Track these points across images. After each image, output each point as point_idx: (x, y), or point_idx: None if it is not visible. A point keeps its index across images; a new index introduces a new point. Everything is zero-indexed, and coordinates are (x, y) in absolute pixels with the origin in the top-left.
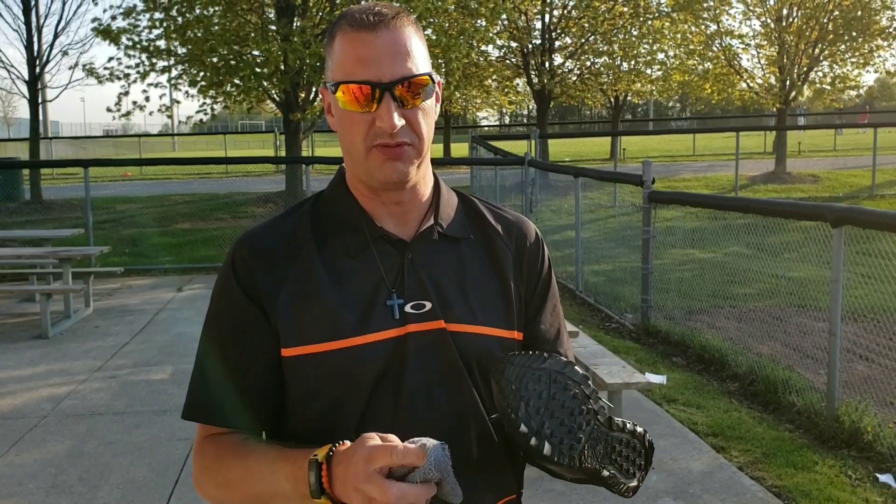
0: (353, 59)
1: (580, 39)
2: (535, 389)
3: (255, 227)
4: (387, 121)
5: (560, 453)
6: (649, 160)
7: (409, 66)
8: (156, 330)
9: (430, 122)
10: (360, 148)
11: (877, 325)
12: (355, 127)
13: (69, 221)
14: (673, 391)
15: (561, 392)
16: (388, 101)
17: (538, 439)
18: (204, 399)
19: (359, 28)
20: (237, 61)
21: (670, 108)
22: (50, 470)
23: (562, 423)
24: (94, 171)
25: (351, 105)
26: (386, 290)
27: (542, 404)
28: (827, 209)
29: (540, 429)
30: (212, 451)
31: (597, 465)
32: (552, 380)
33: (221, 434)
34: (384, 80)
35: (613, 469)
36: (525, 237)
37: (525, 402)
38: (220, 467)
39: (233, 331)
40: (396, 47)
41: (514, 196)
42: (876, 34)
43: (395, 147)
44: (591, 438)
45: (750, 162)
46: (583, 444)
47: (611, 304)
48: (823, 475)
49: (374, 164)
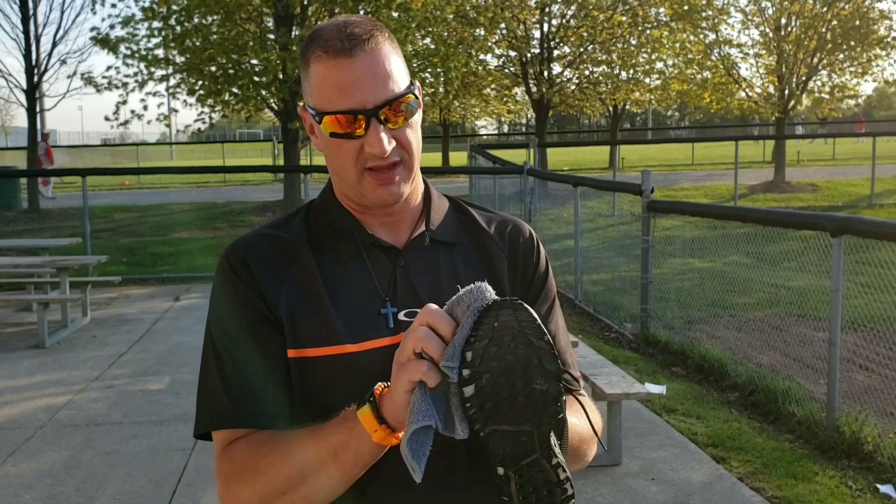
0: (334, 87)
1: (579, 49)
2: (508, 345)
3: (245, 235)
4: (377, 147)
5: (479, 403)
6: (648, 169)
7: (391, 87)
8: (153, 339)
9: (417, 135)
10: (351, 173)
11: (877, 335)
12: (344, 153)
13: (67, 231)
14: (673, 401)
15: (522, 374)
16: (375, 126)
17: (470, 377)
18: (227, 403)
19: (334, 54)
20: (236, 70)
21: (669, 117)
22: (46, 481)
23: (498, 391)
24: (91, 180)
25: (337, 132)
26: (379, 298)
27: (500, 363)
28: (826, 219)
29: (480, 372)
30: (244, 449)
31: (497, 453)
32: (528, 360)
33: (248, 434)
34: (368, 106)
35: (514, 479)
36: (518, 234)
37: (489, 343)
38: (258, 455)
39: (247, 328)
40: (375, 70)
41: (513, 205)
42: (874, 44)
43: (388, 171)
44: (514, 426)
45: (749, 171)
46: (500, 420)
47: (610, 314)
48: (824, 486)
49: (367, 189)
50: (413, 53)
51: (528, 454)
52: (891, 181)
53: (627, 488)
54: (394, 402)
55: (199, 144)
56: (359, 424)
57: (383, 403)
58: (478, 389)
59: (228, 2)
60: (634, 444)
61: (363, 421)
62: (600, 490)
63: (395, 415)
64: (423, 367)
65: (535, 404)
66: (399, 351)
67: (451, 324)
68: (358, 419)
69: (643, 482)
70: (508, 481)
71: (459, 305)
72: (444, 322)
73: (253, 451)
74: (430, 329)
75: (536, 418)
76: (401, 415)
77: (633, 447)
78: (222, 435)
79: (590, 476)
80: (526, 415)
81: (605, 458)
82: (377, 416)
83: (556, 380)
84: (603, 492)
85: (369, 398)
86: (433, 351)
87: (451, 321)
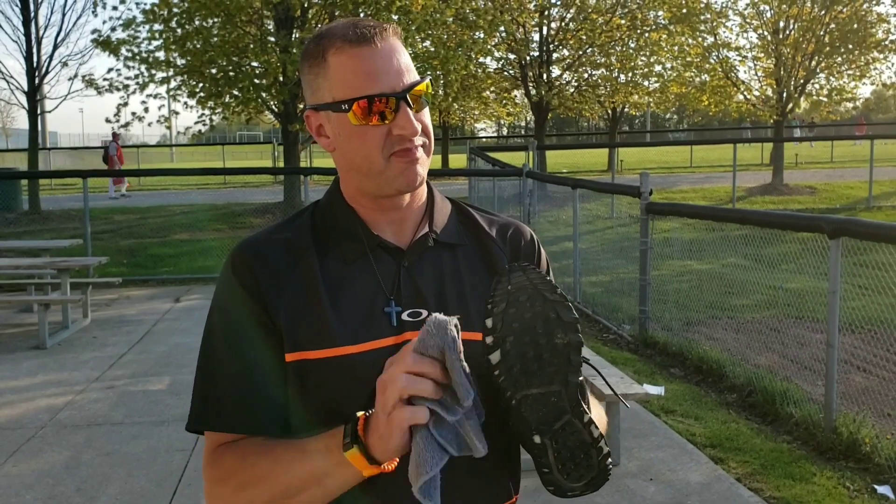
0: (362, 73)
1: (578, 51)
2: (525, 304)
3: (253, 235)
4: (409, 128)
5: (506, 367)
6: (647, 172)
7: (412, 73)
8: (154, 340)
9: (431, 123)
10: (377, 160)
11: (874, 337)
12: (370, 140)
13: (67, 232)
14: (671, 402)
15: (544, 328)
16: (405, 109)
17: (494, 343)
18: (218, 406)
19: (357, 43)
20: (236, 72)
21: (667, 119)
22: (47, 481)
23: (523, 352)
24: (92, 181)
25: (366, 119)
26: (383, 298)
27: (521, 322)
28: (824, 220)
29: (503, 336)
30: (231, 457)
31: (531, 420)
32: (546, 315)
33: (238, 440)
34: (398, 89)
35: (550, 446)
36: (520, 237)
37: (507, 305)
38: (243, 466)
39: (244, 333)
40: (397, 57)
41: (512, 207)
42: (872, 47)
43: (413, 150)
44: (543, 387)
45: (747, 174)
46: (530, 382)
47: (609, 316)
48: (821, 486)
49: (395, 173)
50: (413, 56)
51: (560, 415)
52: (888, 184)
53: (626, 489)
54: (387, 448)
55: (200, 146)
56: (344, 459)
57: (372, 444)
58: (503, 354)
59: (229, 4)
60: (633, 444)
61: (352, 461)
62: (598, 490)
63: (387, 456)
64: (406, 415)
65: (560, 358)
66: (383, 400)
67: (434, 364)
68: (344, 456)
69: (641, 483)
70: (545, 449)
71: (428, 343)
72: (426, 365)
73: (239, 461)
74: (412, 374)
75: (563, 374)
76: (393, 455)
77: (632, 448)
78: (213, 437)
79: None
80: (552, 372)
81: None
82: (367, 456)
83: (574, 330)
84: (601, 492)
85: (354, 438)
86: (428, 393)
87: (433, 362)
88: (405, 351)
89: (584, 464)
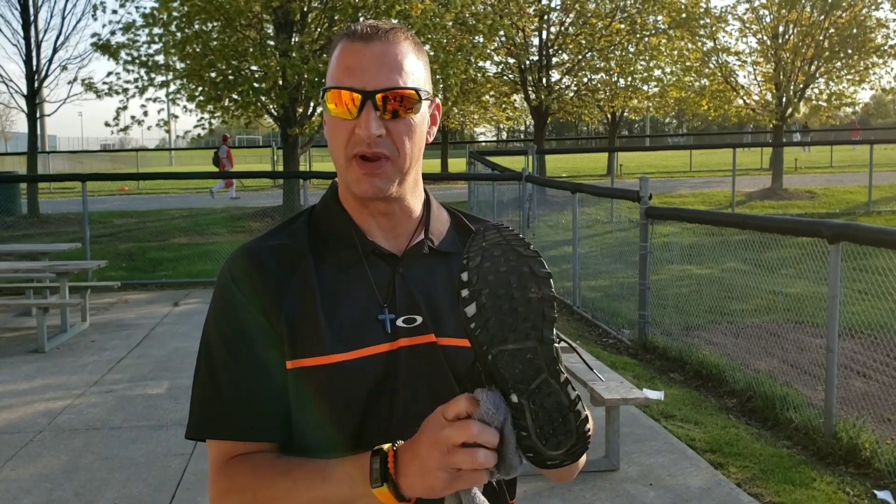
0: (343, 67)
1: (577, 56)
2: (500, 259)
3: (249, 242)
4: (364, 128)
5: (482, 321)
6: (646, 176)
7: (396, 78)
8: (152, 344)
9: (414, 139)
10: (341, 156)
11: (874, 342)
12: (338, 134)
13: (66, 236)
14: (670, 407)
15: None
16: (368, 109)
17: (470, 296)
18: (221, 413)
19: (353, 39)
20: (235, 76)
21: (667, 124)
22: (45, 485)
23: (499, 304)
24: (91, 185)
25: (335, 111)
26: (378, 305)
27: (495, 276)
28: (823, 225)
29: (479, 289)
30: (244, 470)
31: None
32: (520, 269)
33: (251, 453)
34: (367, 88)
35: (528, 406)
36: None
37: (482, 259)
38: (259, 485)
39: (244, 340)
40: (385, 59)
41: (512, 211)
42: (871, 52)
43: (373, 161)
44: (519, 342)
45: (746, 178)
46: (506, 337)
47: (608, 320)
48: (821, 492)
49: (353, 177)
50: None
51: (537, 374)
52: (888, 188)
53: (625, 493)
54: (425, 486)
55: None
56: (370, 491)
57: (404, 483)
58: (479, 307)
59: (229, 8)
60: (632, 449)
61: (380, 497)
62: (598, 495)
63: (420, 494)
64: (484, 478)
65: (534, 312)
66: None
67: (496, 435)
68: (369, 486)
69: (641, 488)
70: (523, 410)
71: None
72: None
73: (253, 478)
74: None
75: (538, 330)
76: (426, 495)
77: (631, 452)
78: (222, 447)
79: (588, 481)
80: (528, 327)
81: (603, 464)
82: (396, 495)
83: (548, 285)
84: (601, 497)
85: (384, 476)
86: (492, 464)
87: (495, 433)
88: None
89: (561, 429)
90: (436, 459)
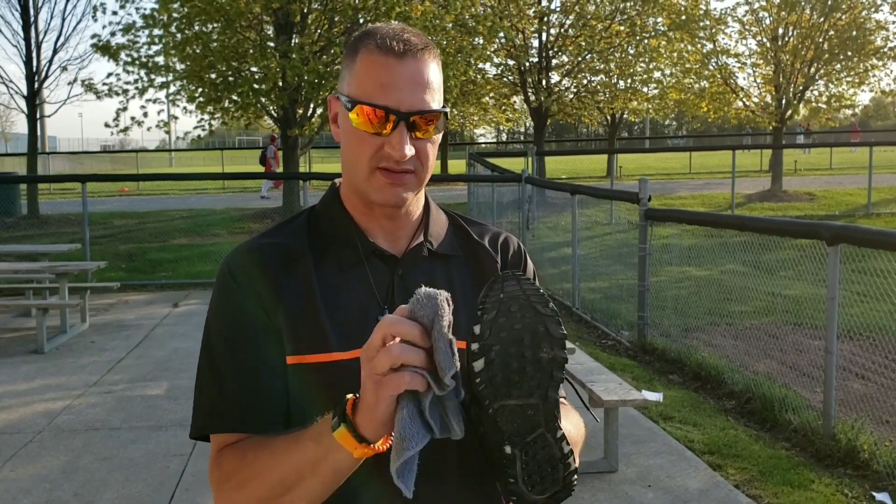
0: (376, 82)
1: (577, 58)
2: (516, 315)
3: (248, 241)
4: (398, 150)
5: (488, 376)
6: (646, 178)
7: (428, 99)
8: (152, 345)
9: (434, 153)
10: (364, 167)
11: (873, 344)
12: (363, 146)
13: (66, 236)
14: (669, 409)
15: (531, 341)
16: (402, 129)
17: (480, 351)
18: (224, 410)
19: (386, 52)
20: (236, 77)
21: (667, 126)
22: (45, 485)
23: (508, 362)
24: (91, 186)
25: (364, 126)
26: (377, 305)
27: (509, 332)
28: (823, 227)
29: (489, 345)
30: (231, 456)
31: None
32: (535, 328)
33: (239, 439)
34: (402, 108)
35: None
36: (508, 246)
37: (498, 314)
38: (242, 465)
39: (245, 337)
40: (419, 79)
41: (511, 213)
42: (871, 54)
43: (400, 173)
44: (522, 399)
45: (746, 180)
46: (510, 393)
47: (607, 322)
48: (820, 493)
49: (375, 186)
50: None
51: (535, 428)
52: (887, 190)
53: (624, 495)
54: (374, 420)
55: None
56: (335, 442)
57: (359, 422)
58: (487, 362)
59: (229, 10)
60: (631, 450)
61: (341, 441)
62: (597, 497)
63: (376, 431)
64: (405, 379)
65: (543, 372)
66: (369, 368)
67: (424, 333)
68: (334, 437)
69: (640, 489)
70: (514, 460)
71: (417, 314)
72: (416, 333)
73: (239, 460)
74: (403, 342)
75: (543, 389)
76: (381, 430)
77: (630, 454)
78: (217, 440)
79: (586, 483)
80: (533, 385)
81: (601, 465)
82: (355, 435)
83: (561, 347)
84: (600, 498)
85: (342, 417)
86: (418, 362)
87: (422, 329)
88: (395, 315)
89: (549, 477)
90: (371, 392)
